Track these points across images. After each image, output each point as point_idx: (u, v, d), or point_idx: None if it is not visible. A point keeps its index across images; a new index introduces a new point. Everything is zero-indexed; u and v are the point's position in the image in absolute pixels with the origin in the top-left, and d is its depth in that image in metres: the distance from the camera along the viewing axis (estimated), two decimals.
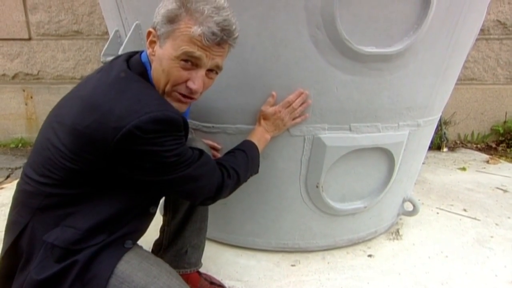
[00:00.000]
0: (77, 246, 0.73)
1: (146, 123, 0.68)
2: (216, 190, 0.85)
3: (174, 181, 0.77)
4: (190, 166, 0.78)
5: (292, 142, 1.15)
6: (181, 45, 0.72)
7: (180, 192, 0.84)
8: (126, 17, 1.19)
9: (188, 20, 0.72)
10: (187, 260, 1.08)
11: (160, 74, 0.76)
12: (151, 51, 0.78)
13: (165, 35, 0.74)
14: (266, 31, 0.98)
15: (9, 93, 3.10)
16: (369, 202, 1.31)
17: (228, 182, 0.87)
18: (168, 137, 0.72)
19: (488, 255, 1.35)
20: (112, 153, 0.70)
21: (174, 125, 0.73)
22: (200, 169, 0.81)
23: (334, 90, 1.07)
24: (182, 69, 0.75)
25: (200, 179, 0.81)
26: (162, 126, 0.70)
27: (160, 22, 0.74)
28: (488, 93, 2.99)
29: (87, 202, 0.76)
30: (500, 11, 2.80)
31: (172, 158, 0.74)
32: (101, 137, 0.69)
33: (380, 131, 1.17)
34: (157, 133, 0.70)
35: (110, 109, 0.69)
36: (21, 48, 3.03)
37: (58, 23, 2.97)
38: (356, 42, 0.98)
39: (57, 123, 0.76)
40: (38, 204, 0.75)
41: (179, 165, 0.76)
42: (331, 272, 1.26)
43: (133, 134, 0.68)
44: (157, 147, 0.71)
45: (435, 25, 1.04)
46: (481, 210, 1.74)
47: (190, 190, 0.82)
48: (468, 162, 2.51)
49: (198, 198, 0.85)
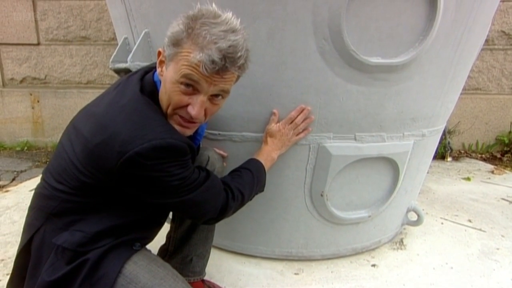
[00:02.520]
0: (85, 248, 0.75)
1: (147, 150, 0.69)
2: (220, 211, 0.85)
3: (177, 204, 0.79)
4: (194, 190, 0.78)
5: (298, 151, 1.15)
6: (181, 69, 0.69)
7: (182, 214, 0.89)
8: (135, 25, 1.21)
9: (190, 44, 0.68)
10: (191, 269, 1.09)
11: (164, 96, 0.76)
12: (160, 71, 0.77)
13: (170, 57, 0.72)
14: (273, 42, 0.99)
15: (17, 96, 3.15)
16: (374, 211, 1.31)
17: (232, 204, 0.87)
18: (170, 163, 0.73)
19: (494, 268, 1.34)
20: (117, 175, 0.71)
21: (176, 152, 0.73)
22: (205, 193, 0.81)
23: (340, 100, 1.07)
24: (182, 93, 0.72)
25: (204, 204, 0.82)
26: (164, 153, 0.71)
27: (166, 44, 0.73)
28: (492, 103, 2.98)
29: (98, 211, 0.78)
30: (504, 22, 2.81)
31: (176, 182, 0.74)
32: (107, 159, 0.70)
33: (385, 141, 1.18)
34: (159, 159, 0.71)
35: (117, 132, 0.70)
36: (30, 53, 3.08)
37: (67, 29, 3.02)
38: (362, 53, 0.99)
39: (74, 135, 0.78)
40: (53, 209, 0.77)
41: (182, 189, 0.76)
42: (334, 282, 1.25)
43: (135, 160, 0.69)
44: (159, 173, 0.72)
45: (440, 36, 1.05)
46: (486, 221, 1.72)
47: (194, 213, 0.84)
48: (472, 172, 2.49)
49: (201, 220, 0.86)
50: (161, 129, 0.73)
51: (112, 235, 0.78)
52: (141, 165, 0.70)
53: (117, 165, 0.70)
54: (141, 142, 0.69)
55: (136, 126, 0.71)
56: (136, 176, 0.72)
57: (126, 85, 0.80)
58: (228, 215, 0.90)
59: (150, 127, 0.72)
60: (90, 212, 0.77)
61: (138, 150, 0.69)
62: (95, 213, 0.77)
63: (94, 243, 0.76)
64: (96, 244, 0.76)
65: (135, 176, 0.72)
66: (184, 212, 0.86)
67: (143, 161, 0.69)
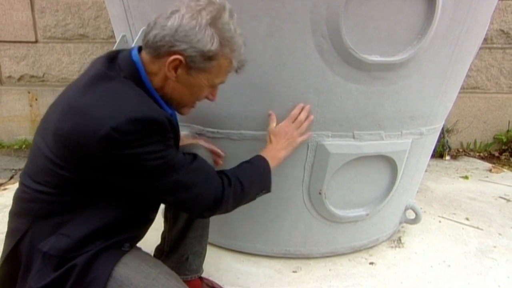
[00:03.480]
0: (72, 254, 0.72)
1: (124, 123, 0.65)
2: (215, 200, 0.78)
3: (162, 188, 0.73)
4: (179, 171, 0.73)
5: (296, 149, 1.15)
6: (218, 77, 0.80)
7: (173, 202, 0.79)
8: (133, 22, 1.21)
9: (225, 57, 0.77)
10: (188, 267, 1.08)
11: (187, 95, 0.81)
12: (173, 73, 0.75)
13: (200, 69, 0.76)
14: (271, 40, 0.99)
15: (15, 95, 3.13)
16: (372, 209, 1.31)
17: (229, 192, 0.80)
18: (149, 138, 0.68)
19: (491, 266, 1.35)
20: (96, 160, 0.67)
21: (156, 125, 0.69)
22: (192, 175, 0.75)
23: (338, 98, 1.07)
24: (208, 90, 0.83)
25: (193, 187, 0.75)
26: (142, 127, 0.66)
27: (195, 56, 0.73)
28: (491, 102, 2.99)
29: (83, 210, 0.74)
30: (503, 21, 2.81)
31: (157, 161, 0.69)
32: (82, 142, 0.66)
33: (384, 139, 1.18)
34: (138, 134, 0.66)
35: (88, 111, 0.67)
36: (28, 50, 3.06)
37: (65, 27, 3.01)
38: (360, 51, 0.99)
39: (44, 129, 0.75)
40: (37, 211, 0.74)
41: (166, 170, 0.71)
42: (332, 280, 1.25)
43: (112, 137, 0.64)
44: (138, 149, 0.67)
45: (439, 35, 1.05)
46: (483, 220, 1.73)
47: (183, 200, 0.76)
48: (470, 171, 2.50)
49: (193, 209, 0.79)
50: (137, 101, 0.69)
51: (100, 237, 0.75)
52: (118, 142, 0.65)
53: (94, 147, 0.65)
54: (117, 116, 0.65)
55: (109, 102, 0.67)
56: (115, 156, 0.66)
57: (91, 67, 0.77)
58: (227, 207, 0.82)
59: (124, 100, 0.68)
60: (76, 212, 0.74)
61: (114, 125, 0.64)
62: (81, 213, 0.74)
63: (82, 247, 0.73)
64: (83, 249, 0.73)
65: (114, 157, 0.66)
66: (172, 200, 0.77)
67: (120, 137, 0.64)
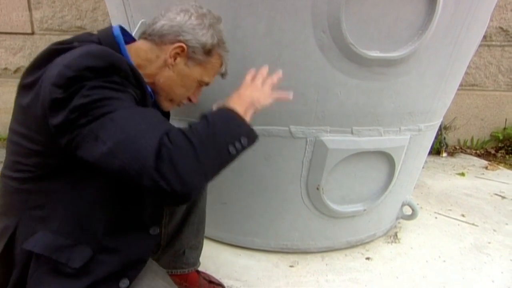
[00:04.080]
0: (59, 254, 0.66)
1: (77, 58, 0.60)
2: (158, 152, 0.56)
3: (101, 126, 0.58)
4: (124, 108, 0.60)
5: (294, 144, 1.15)
6: (208, 76, 0.85)
7: (105, 155, 0.57)
8: (131, 14, 1.19)
9: (218, 57, 0.85)
10: (185, 261, 1.09)
11: (177, 86, 0.83)
12: (172, 61, 0.79)
13: (198, 61, 0.81)
14: (271, 34, 0.99)
15: (11, 87, 3.10)
16: (369, 205, 1.32)
17: (169, 145, 0.57)
18: (104, 78, 0.61)
19: (485, 261, 1.36)
20: (48, 111, 0.60)
21: (113, 63, 0.62)
22: (137, 115, 0.61)
23: (338, 94, 1.07)
24: (196, 88, 0.86)
25: (135, 127, 0.58)
26: (97, 62, 0.60)
27: (196, 48, 0.80)
28: (488, 99, 3.00)
29: (64, 201, 0.68)
30: (503, 18, 2.81)
31: (96, 96, 0.59)
32: (43, 93, 0.61)
33: (382, 135, 1.18)
34: (90, 70, 0.59)
35: (53, 67, 0.62)
36: (24, 42, 3.03)
37: (62, 18, 2.97)
38: (361, 46, 0.99)
39: (15, 112, 0.71)
40: (20, 205, 0.70)
41: (110, 103, 0.60)
42: (329, 274, 1.26)
43: (63, 74, 0.58)
44: (88, 89, 0.59)
45: (439, 31, 1.05)
46: (479, 216, 1.75)
47: (122, 144, 0.57)
48: (467, 168, 2.52)
49: (134, 163, 0.56)
50: (103, 47, 0.66)
51: (88, 236, 0.68)
52: (69, 79, 0.58)
53: (47, 94, 0.59)
54: (73, 56, 0.61)
55: (71, 54, 0.62)
56: (63, 102, 0.59)
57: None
58: (170, 168, 0.56)
59: (89, 46, 0.65)
60: (57, 204, 0.68)
61: (66, 62, 0.59)
62: (62, 204, 0.68)
63: (69, 246, 0.67)
64: (74, 248, 0.67)
65: (61, 102, 0.59)
66: (104, 148, 0.57)
67: (71, 73, 0.58)
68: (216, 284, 1.15)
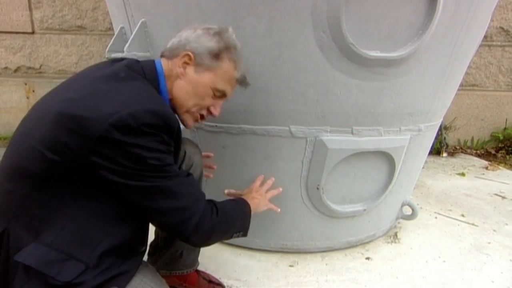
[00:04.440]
0: (49, 268, 0.66)
1: (141, 112, 0.66)
2: (198, 223, 0.73)
3: (149, 190, 0.69)
4: (172, 178, 0.71)
5: (294, 144, 1.15)
6: (221, 82, 0.84)
7: (154, 212, 0.71)
8: (132, 14, 1.19)
9: (229, 63, 0.84)
10: (182, 262, 1.08)
11: (190, 96, 0.84)
12: (182, 71, 0.83)
13: (207, 67, 0.82)
14: (271, 34, 0.99)
15: (11, 86, 3.10)
16: (369, 205, 1.32)
17: (214, 220, 0.77)
18: (158, 136, 0.69)
19: (485, 261, 1.36)
20: (97, 142, 0.64)
21: (168, 124, 0.70)
22: (183, 187, 0.73)
23: (338, 94, 1.07)
24: (212, 98, 0.86)
25: (181, 198, 0.72)
26: (156, 120, 0.68)
27: (203, 53, 0.82)
28: (489, 99, 3.00)
29: (63, 214, 0.69)
30: (503, 18, 2.81)
31: (155, 161, 0.68)
32: (92, 122, 0.64)
33: (382, 135, 1.18)
34: (150, 127, 0.67)
35: (109, 95, 0.68)
36: (24, 41, 3.03)
37: (62, 18, 2.97)
38: (360, 46, 0.99)
39: (42, 110, 0.72)
40: (13, 211, 0.69)
41: (158, 172, 0.69)
42: (329, 274, 1.26)
43: (126, 121, 0.64)
44: (144, 141, 0.67)
45: (439, 31, 1.05)
46: (479, 216, 1.75)
47: (166, 210, 0.71)
48: (467, 168, 2.52)
49: (174, 225, 0.73)
50: (156, 99, 0.73)
51: (83, 252, 0.68)
52: (130, 128, 0.65)
53: (102, 129, 0.63)
54: (135, 105, 0.67)
55: (130, 93, 0.70)
56: (119, 143, 0.65)
57: (110, 64, 0.78)
58: (208, 236, 0.77)
59: (144, 94, 0.72)
60: (55, 217, 0.68)
61: (132, 111, 0.65)
62: (60, 218, 0.68)
63: (64, 260, 0.66)
64: (67, 263, 0.66)
65: (117, 142, 0.65)
66: (157, 209, 0.71)
67: (134, 124, 0.65)
68: (216, 283, 1.15)
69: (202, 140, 1.23)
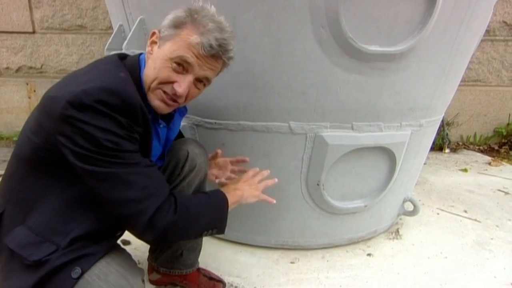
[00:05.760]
0: (25, 250, 0.69)
1: (95, 88, 0.66)
2: (153, 216, 0.69)
3: (101, 176, 0.66)
4: (127, 166, 0.67)
5: (294, 140, 1.15)
6: (178, 49, 0.75)
7: (106, 200, 0.69)
8: (130, 11, 1.19)
9: (191, 28, 0.75)
10: (182, 262, 1.08)
11: (151, 71, 0.78)
12: (150, 49, 0.80)
13: (167, 37, 0.77)
14: (269, 30, 0.98)
15: (13, 86, 3.11)
16: (370, 201, 1.31)
17: (169, 216, 0.71)
18: (114, 118, 0.66)
19: (487, 257, 1.35)
20: (58, 119, 0.66)
21: (127, 104, 0.67)
22: (140, 177, 0.69)
23: (337, 89, 1.06)
24: (173, 70, 0.76)
25: (134, 189, 0.67)
26: (112, 99, 0.66)
27: (165, 26, 0.78)
28: (492, 95, 2.97)
29: (44, 198, 0.72)
30: (506, 12, 2.78)
31: (108, 143, 0.66)
32: (56, 97, 0.67)
33: (382, 131, 1.17)
34: (104, 105, 0.65)
35: (77, 79, 0.71)
36: (25, 41, 3.03)
37: (62, 17, 2.97)
38: (360, 41, 0.98)
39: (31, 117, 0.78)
40: (8, 193, 0.75)
41: (113, 157, 0.66)
42: (330, 271, 1.26)
43: (79, 98, 0.65)
44: (97, 120, 0.65)
45: (439, 25, 1.03)
46: (481, 212, 1.73)
47: (118, 200, 0.67)
48: (470, 164, 2.50)
49: (126, 217, 0.69)
50: (120, 80, 0.71)
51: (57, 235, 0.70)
52: (82, 105, 0.65)
53: (61, 105, 0.65)
54: (93, 83, 0.67)
55: (97, 73, 0.71)
56: (73, 120, 0.65)
57: (102, 58, 0.82)
58: (165, 232, 0.71)
59: (109, 75, 0.71)
60: (39, 200, 0.72)
61: (86, 88, 0.66)
62: (43, 202, 0.72)
63: (39, 243, 0.69)
64: (40, 247, 0.69)
65: (71, 120, 0.65)
66: (109, 198, 0.68)
67: (86, 101, 0.64)
68: (217, 280, 1.15)
69: (201, 138, 1.23)
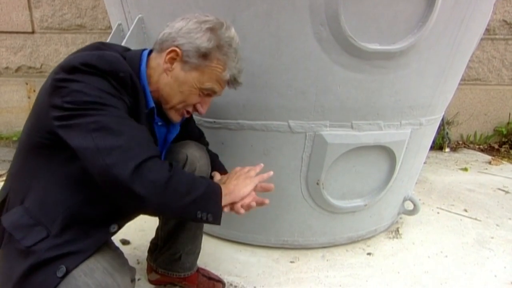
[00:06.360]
0: (18, 231, 0.69)
1: (88, 56, 0.69)
2: (143, 162, 0.64)
3: (88, 126, 0.64)
4: (115, 117, 0.66)
5: (294, 139, 1.14)
6: (208, 81, 0.82)
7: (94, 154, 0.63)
8: (129, 10, 1.19)
9: (218, 62, 0.81)
10: (180, 265, 1.07)
11: (176, 92, 0.82)
12: (169, 66, 0.81)
13: (194, 65, 0.80)
14: (269, 29, 0.98)
15: (12, 86, 3.11)
16: (370, 200, 1.31)
17: (163, 171, 0.66)
18: (103, 78, 0.68)
19: (488, 256, 1.35)
20: (50, 90, 0.67)
21: (116, 70, 0.70)
22: (129, 128, 0.67)
23: (337, 88, 1.06)
24: (199, 96, 0.84)
25: (122, 136, 0.65)
26: (103, 64, 0.68)
27: (190, 51, 0.79)
28: (492, 93, 2.97)
29: (39, 180, 0.72)
30: (506, 11, 2.77)
31: (97, 99, 0.66)
32: (53, 71, 0.70)
33: (382, 129, 1.17)
34: (94, 68, 0.67)
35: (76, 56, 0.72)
36: (25, 41, 3.03)
37: (62, 17, 2.97)
38: (359, 39, 0.98)
39: None
40: (12, 174, 0.77)
41: (100, 109, 0.65)
42: (330, 270, 1.26)
43: (71, 63, 0.67)
44: (87, 79, 0.67)
45: (439, 24, 1.03)
46: (482, 211, 1.73)
47: (105, 147, 0.63)
48: (470, 163, 2.50)
49: (113, 167, 0.62)
50: (116, 56, 0.73)
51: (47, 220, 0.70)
52: (73, 68, 0.67)
53: (54, 72, 0.68)
54: (88, 55, 0.69)
55: (94, 52, 0.73)
56: (61, 82, 0.67)
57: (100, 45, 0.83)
58: (153, 188, 0.64)
59: (106, 52, 0.74)
60: (37, 176, 0.72)
61: (78, 56, 0.69)
62: (38, 183, 0.72)
63: (29, 227, 0.69)
64: (30, 232, 0.69)
65: (60, 82, 0.67)
66: (95, 146, 0.63)
67: (77, 64, 0.67)
68: (216, 280, 1.14)
69: None
